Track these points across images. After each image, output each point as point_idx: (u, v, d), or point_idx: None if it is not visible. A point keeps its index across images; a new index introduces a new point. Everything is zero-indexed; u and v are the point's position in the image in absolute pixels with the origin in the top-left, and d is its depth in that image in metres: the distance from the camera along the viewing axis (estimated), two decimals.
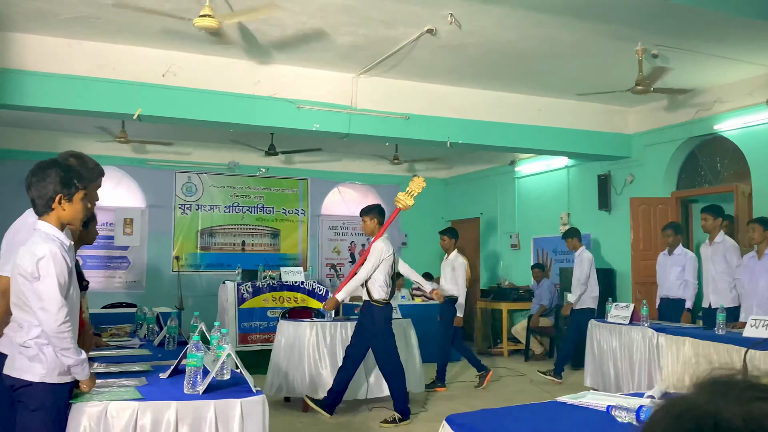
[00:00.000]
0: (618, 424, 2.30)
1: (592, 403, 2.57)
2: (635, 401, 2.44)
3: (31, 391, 2.61)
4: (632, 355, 6.29)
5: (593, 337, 6.79)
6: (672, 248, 7.02)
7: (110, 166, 10.61)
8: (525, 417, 2.45)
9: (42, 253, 2.59)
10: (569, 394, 2.74)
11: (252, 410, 2.81)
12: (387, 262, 5.99)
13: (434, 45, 6.55)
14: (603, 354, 6.65)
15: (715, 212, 6.52)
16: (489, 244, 12.01)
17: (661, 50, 6.64)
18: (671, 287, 6.97)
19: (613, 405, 2.39)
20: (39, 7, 5.71)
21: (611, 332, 6.58)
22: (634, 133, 9.10)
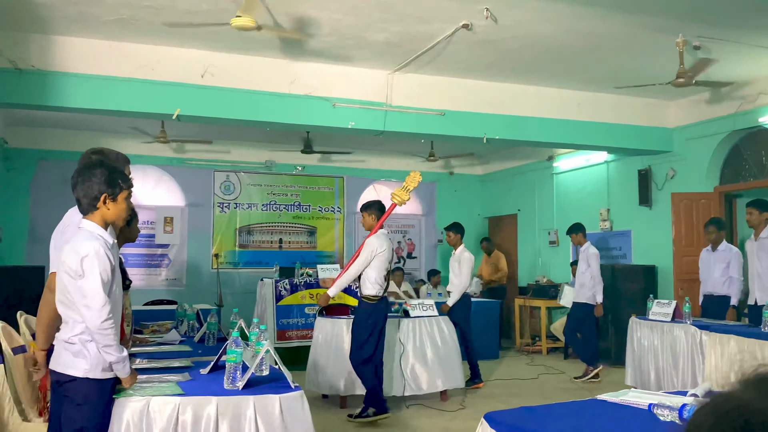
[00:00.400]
0: (660, 422, 2.25)
1: (634, 401, 2.53)
2: (678, 399, 2.39)
3: (75, 386, 2.67)
4: (674, 353, 6.16)
5: (634, 334, 6.67)
6: (715, 244, 6.86)
7: (150, 165, 10.83)
8: (565, 415, 2.42)
9: (86, 251, 2.65)
10: (610, 392, 2.70)
11: (291, 406, 2.83)
12: (380, 258, 5.91)
13: (470, 40, 6.50)
14: (644, 352, 6.53)
15: (760, 206, 6.34)
16: (527, 241, 11.89)
17: (702, 42, 6.48)
18: (715, 284, 6.81)
19: (656, 403, 2.34)
20: (80, 10, 5.83)
21: (652, 330, 6.46)
22: (676, 127, 8.91)
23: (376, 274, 5.90)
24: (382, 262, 5.92)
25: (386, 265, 5.97)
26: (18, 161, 10.10)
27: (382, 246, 5.94)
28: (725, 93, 8.02)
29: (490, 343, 9.50)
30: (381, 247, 5.92)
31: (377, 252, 5.89)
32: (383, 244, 5.95)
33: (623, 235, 9.73)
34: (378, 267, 5.90)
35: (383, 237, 6.05)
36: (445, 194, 12.91)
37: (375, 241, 5.95)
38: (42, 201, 9.98)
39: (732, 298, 6.64)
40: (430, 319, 6.65)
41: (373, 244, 5.92)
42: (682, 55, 6.38)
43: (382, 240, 5.99)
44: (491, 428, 2.28)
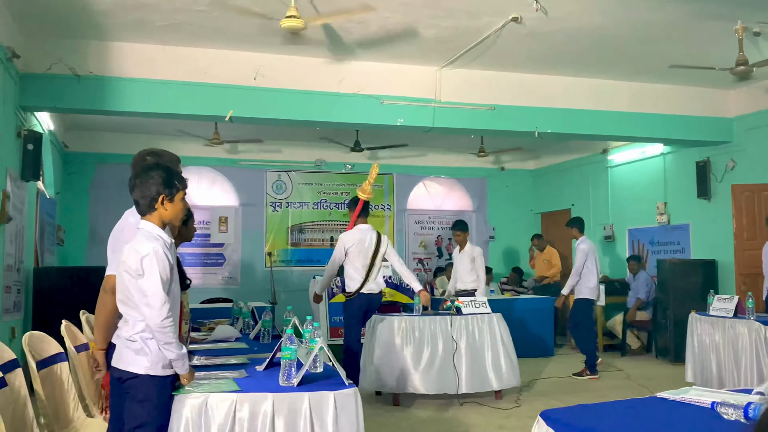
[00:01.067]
0: (725, 421, 2.18)
1: (696, 400, 2.45)
2: (743, 398, 2.31)
3: (137, 383, 2.74)
4: (737, 349, 5.96)
5: (694, 330, 6.49)
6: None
7: (205, 167, 11.05)
8: (623, 413, 2.37)
9: (146, 251, 2.72)
10: (670, 390, 2.63)
11: (345, 403, 2.84)
12: (353, 253, 5.99)
13: (520, 33, 6.43)
14: (705, 348, 6.35)
15: None
16: None
17: (763, 28, 6.25)
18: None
19: (719, 401, 2.26)
20: (135, 16, 5.98)
21: (713, 326, 6.27)
22: (735, 117, 8.63)
23: (351, 269, 6.05)
24: (356, 257, 6.02)
25: (361, 259, 6.03)
26: (77, 165, 10.43)
27: (352, 241, 6.04)
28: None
29: (545, 340, 9.38)
30: (350, 242, 6.04)
31: (348, 246, 6.03)
32: (353, 239, 6.06)
33: (681, 229, 9.47)
34: (352, 262, 6.02)
35: (357, 231, 6.16)
36: (497, 190, 12.79)
37: (344, 236, 6.14)
38: (101, 203, 10.29)
39: None
40: (483, 316, 6.59)
41: (342, 240, 6.11)
42: (741, 42, 6.18)
43: (353, 235, 6.11)
44: (548, 426, 2.24)
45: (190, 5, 5.73)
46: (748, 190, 8.32)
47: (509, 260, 12.17)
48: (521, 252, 12.36)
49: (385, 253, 6.21)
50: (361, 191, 6.29)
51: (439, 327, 6.38)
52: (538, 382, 7.43)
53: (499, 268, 11.51)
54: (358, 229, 6.19)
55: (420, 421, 5.82)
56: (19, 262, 6.60)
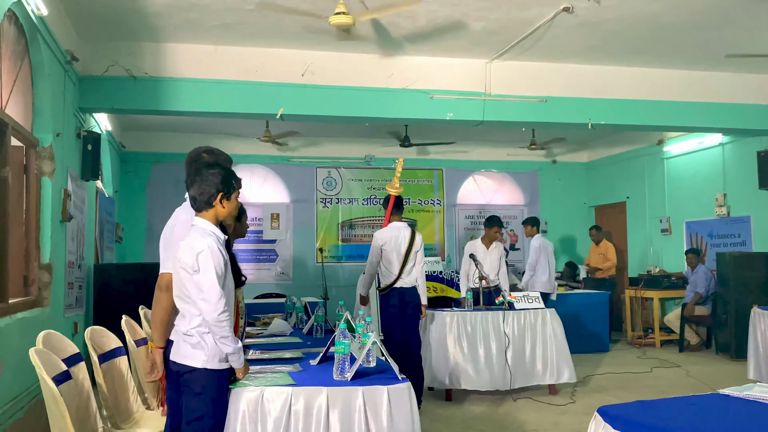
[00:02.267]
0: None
1: (761, 397, 2.37)
2: None
3: (194, 376, 2.80)
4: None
5: (757, 326, 6.28)
6: None
7: (256, 164, 11.20)
8: (684, 410, 2.30)
9: (201, 247, 2.77)
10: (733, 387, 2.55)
11: (399, 397, 2.85)
12: (387, 250, 6.01)
13: (571, 23, 6.31)
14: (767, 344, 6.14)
15: None
16: (637, 230, 11.42)
17: None
18: None
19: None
20: (187, 17, 6.09)
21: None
22: None
23: (385, 265, 6.05)
24: (390, 253, 6.01)
25: (395, 256, 6.02)
26: (134, 164, 10.71)
27: (383, 238, 6.06)
28: None
29: (600, 335, 9.21)
30: (382, 240, 6.05)
31: (379, 244, 6.05)
32: (384, 237, 6.07)
33: (742, 221, 9.16)
34: (387, 258, 6.02)
35: (390, 229, 6.14)
36: (549, 183, 12.60)
37: (377, 234, 6.15)
38: (157, 201, 10.53)
39: None
40: (536, 311, 6.52)
41: (375, 238, 6.13)
42: None
43: (385, 233, 6.11)
44: (606, 423, 2.20)
45: (240, 5, 5.80)
46: None
47: (563, 255, 11.97)
48: (575, 246, 12.16)
49: (418, 251, 6.19)
50: (390, 187, 6.32)
51: (492, 322, 6.34)
52: (593, 378, 7.31)
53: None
54: (391, 227, 6.19)
55: (473, 416, 5.79)
56: (81, 259, 6.81)
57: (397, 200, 6.29)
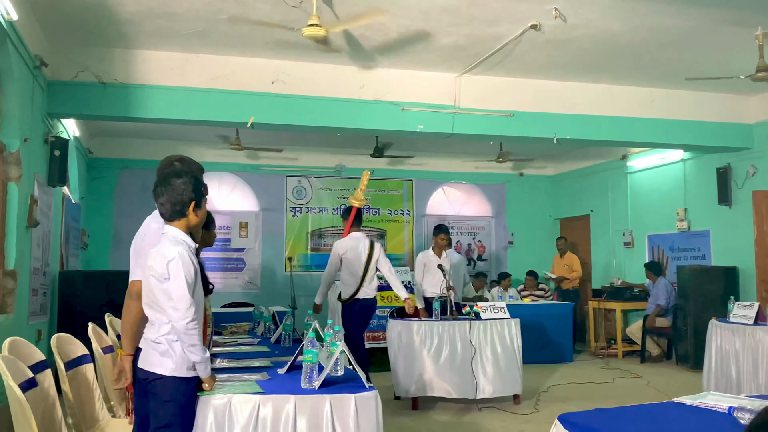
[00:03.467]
0: (741, 426, 2.20)
1: (713, 405, 2.47)
2: (760, 403, 2.33)
3: (162, 384, 2.81)
4: (756, 357, 5.93)
5: (713, 337, 6.46)
6: None
7: (226, 172, 11.17)
8: (641, 417, 2.40)
9: (172, 255, 2.79)
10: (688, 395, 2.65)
11: (366, 405, 2.89)
12: (348, 260, 6.20)
13: (539, 40, 6.46)
14: (724, 355, 6.32)
15: None
16: (600, 242, 11.65)
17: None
18: None
19: (736, 406, 2.29)
20: (159, 25, 6.10)
21: (734, 333, 6.25)
22: (757, 123, 8.57)
23: (346, 276, 6.24)
24: (350, 262, 6.19)
25: (356, 266, 6.20)
26: (102, 170, 10.60)
27: (345, 248, 6.23)
28: None
29: (564, 346, 9.36)
30: (343, 250, 6.22)
31: (341, 254, 6.22)
32: (345, 247, 6.24)
33: (701, 236, 9.42)
34: (347, 268, 6.19)
35: (350, 239, 6.31)
36: (516, 195, 12.79)
37: (339, 244, 6.32)
38: (124, 208, 10.44)
39: None
40: (502, 321, 6.62)
41: (336, 248, 6.30)
42: (761, 48, 6.15)
43: (346, 243, 6.28)
44: (565, 429, 2.28)
45: (212, 14, 5.83)
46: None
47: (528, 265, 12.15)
48: (540, 258, 12.35)
49: (377, 261, 6.32)
50: (354, 199, 6.44)
51: (458, 332, 6.42)
52: (556, 388, 7.43)
53: (517, 273, 11.49)
54: (351, 237, 6.34)
55: (439, 425, 5.85)
56: (46, 266, 6.73)
57: (359, 212, 6.44)
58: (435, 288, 7.15)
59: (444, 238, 7.33)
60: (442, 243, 7.33)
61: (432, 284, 7.23)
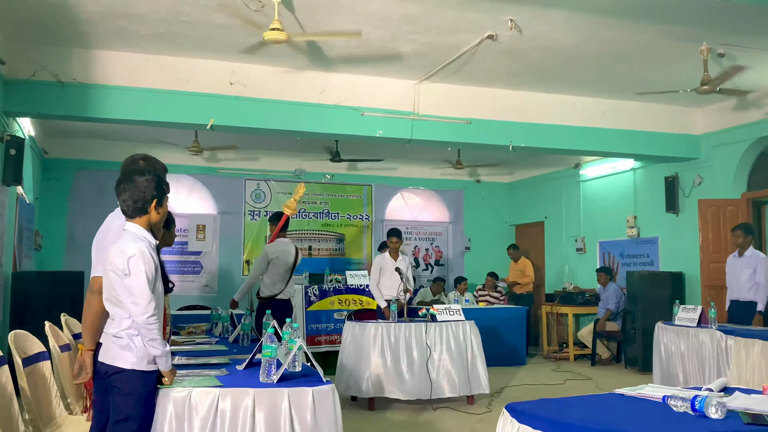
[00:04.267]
0: (674, 413, 2.36)
1: (650, 395, 2.64)
2: (692, 393, 2.50)
3: (123, 377, 2.86)
4: (700, 357, 6.19)
5: (660, 340, 6.72)
6: (742, 250, 6.88)
7: (183, 174, 11.11)
8: (583, 406, 2.54)
9: (132, 251, 2.85)
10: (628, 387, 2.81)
11: (323, 398, 2.98)
12: (275, 263, 6.60)
13: (495, 50, 6.65)
14: (670, 356, 6.57)
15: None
16: (554, 248, 11.95)
17: (727, 49, 6.54)
18: (742, 289, 6.82)
19: (670, 395, 2.45)
20: (120, 26, 6.10)
21: (678, 335, 6.50)
22: (702, 134, 8.94)
23: (271, 277, 6.61)
24: (278, 266, 6.58)
25: (282, 270, 6.63)
26: (57, 171, 10.45)
27: (275, 252, 6.60)
28: (751, 100, 8.05)
29: (518, 349, 9.56)
30: (274, 254, 6.59)
31: (271, 258, 6.58)
32: (275, 251, 6.61)
33: (650, 242, 9.75)
34: (273, 271, 6.57)
35: (279, 244, 6.70)
36: (473, 202, 13.02)
37: (269, 248, 6.67)
38: (79, 209, 10.31)
39: (758, 304, 6.64)
40: (457, 323, 6.76)
41: (266, 252, 6.65)
42: (706, 62, 6.45)
43: (277, 247, 6.65)
44: (512, 418, 2.41)
45: (174, 16, 5.86)
46: (714, 205, 8.61)
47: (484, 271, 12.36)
48: (496, 263, 12.57)
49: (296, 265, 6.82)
50: (287, 207, 6.69)
51: (414, 334, 6.54)
52: (509, 389, 7.61)
53: (474, 278, 11.70)
54: (279, 242, 6.71)
55: (394, 425, 5.96)
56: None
57: (287, 220, 6.77)
58: (391, 290, 7.31)
59: (395, 241, 7.49)
60: (395, 246, 7.49)
61: (387, 287, 7.38)
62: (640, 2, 5.44)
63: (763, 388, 2.72)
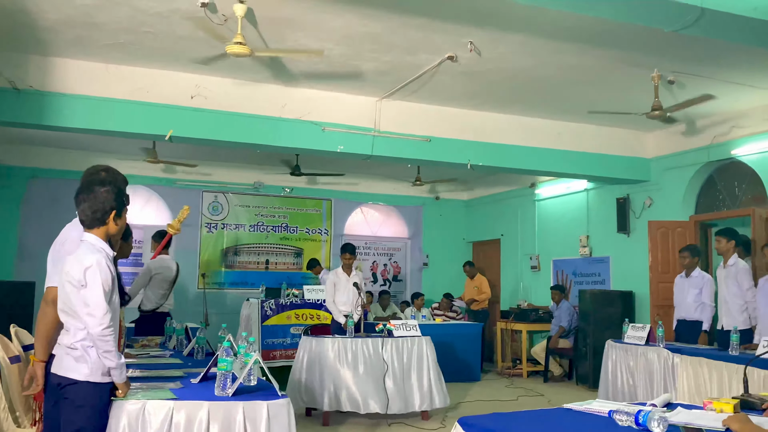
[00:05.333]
0: (619, 427, 2.45)
1: (597, 409, 2.73)
2: (637, 408, 2.59)
3: (76, 389, 2.83)
4: (648, 375, 6.37)
5: (609, 357, 6.89)
6: (689, 270, 7.09)
7: (139, 185, 10.97)
8: (533, 420, 2.62)
9: (89, 262, 2.83)
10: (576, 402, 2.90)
11: (278, 412, 3.00)
12: (158, 279, 6.78)
13: (455, 71, 6.78)
14: (620, 374, 6.74)
15: (728, 235, 6.61)
16: (509, 265, 12.13)
17: (677, 76, 6.80)
18: (688, 309, 7.02)
19: (615, 410, 2.54)
20: (80, 34, 6.04)
21: (627, 353, 6.68)
22: (653, 158, 9.23)
23: (154, 292, 6.78)
24: (160, 281, 6.78)
25: (164, 285, 6.83)
26: (9, 179, 10.22)
27: (157, 268, 6.81)
28: (700, 126, 8.36)
29: (472, 365, 9.67)
30: (156, 269, 6.79)
31: (153, 273, 6.77)
32: (157, 267, 6.82)
33: (602, 261, 9.99)
34: (155, 286, 6.77)
35: (162, 260, 6.90)
36: (431, 218, 13.16)
37: (153, 264, 6.87)
38: (32, 218, 10.10)
39: (704, 323, 6.85)
40: (413, 339, 6.83)
41: (149, 267, 6.85)
42: (657, 88, 6.68)
43: (160, 263, 6.85)
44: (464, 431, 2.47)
45: (137, 26, 5.84)
46: (663, 227, 8.88)
47: (442, 287, 12.48)
48: (453, 279, 12.71)
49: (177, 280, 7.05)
50: (171, 227, 6.84)
51: (371, 349, 6.58)
52: (463, 405, 7.69)
53: (431, 294, 11.80)
54: (161, 259, 6.91)
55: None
56: None
57: (171, 239, 6.95)
58: (345, 306, 7.37)
59: (348, 257, 7.58)
60: (348, 261, 7.56)
61: (343, 302, 7.43)
62: (595, 29, 5.62)
63: (703, 404, 2.83)
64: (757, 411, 2.81)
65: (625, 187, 9.53)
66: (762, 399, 2.93)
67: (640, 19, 4.58)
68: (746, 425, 2.33)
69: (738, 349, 5.55)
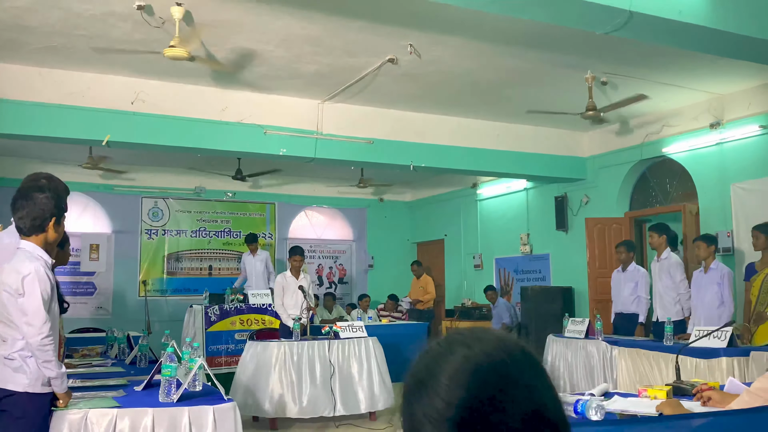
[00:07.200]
0: None
1: None
2: (576, 398, 2.69)
3: (15, 400, 2.76)
4: (588, 367, 6.56)
5: (549, 351, 7.06)
6: (625, 265, 7.33)
7: (76, 192, 10.67)
8: None
9: (27, 270, 2.77)
10: None
11: (224, 416, 2.99)
12: None
13: (396, 73, 6.85)
14: (560, 367, 6.92)
15: (659, 230, 6.87)
16: (453, 265, 12.29)
17: (609, 77, 7.03)
18: (625, 303, 7.25)
19: None
20: (10, 37, 5.86)
21: (567, 346, 6.86)
22: (589, 156, 9.50)
23: None
24: None
25: None
26: None
27: None
28: (633, 125, 8.65)
29: None
30: None
31: None
32: None
33: (542, 258, 10.23)
34: None
35: None
36: (376, 220, 13.22)
37: None
38: None
39: (640, 316, 7.09)
40: (359, 340, 6.85)
41: None
42: (591, 89, 6.90)
43: None
44: None
45: (70, 29, 5.70)
46: (600, 223, 9.16)
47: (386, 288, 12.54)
48: (398, 280, 12.79)
49: None
50: None
51: (317, 351, 6.57)
52: None
53: (377, 295, 11.85)
54: None
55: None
56: None
57: None
58: (293, 309, 7.34)
59: (297, 259, 7.56)
60: (297, 264, 7.54)
61: (290, 306, 7.41)
62: (531, 32, 5.77)
63: (638, 391, 2.95)
64: (688, 396, 2.94)
65: (563, 185, 9.78)
66: (692, 385, 3.08)
67: (572, 22, 4.72)
68: (677, 409, 2.45)
69: (672, 340, 5.77)
